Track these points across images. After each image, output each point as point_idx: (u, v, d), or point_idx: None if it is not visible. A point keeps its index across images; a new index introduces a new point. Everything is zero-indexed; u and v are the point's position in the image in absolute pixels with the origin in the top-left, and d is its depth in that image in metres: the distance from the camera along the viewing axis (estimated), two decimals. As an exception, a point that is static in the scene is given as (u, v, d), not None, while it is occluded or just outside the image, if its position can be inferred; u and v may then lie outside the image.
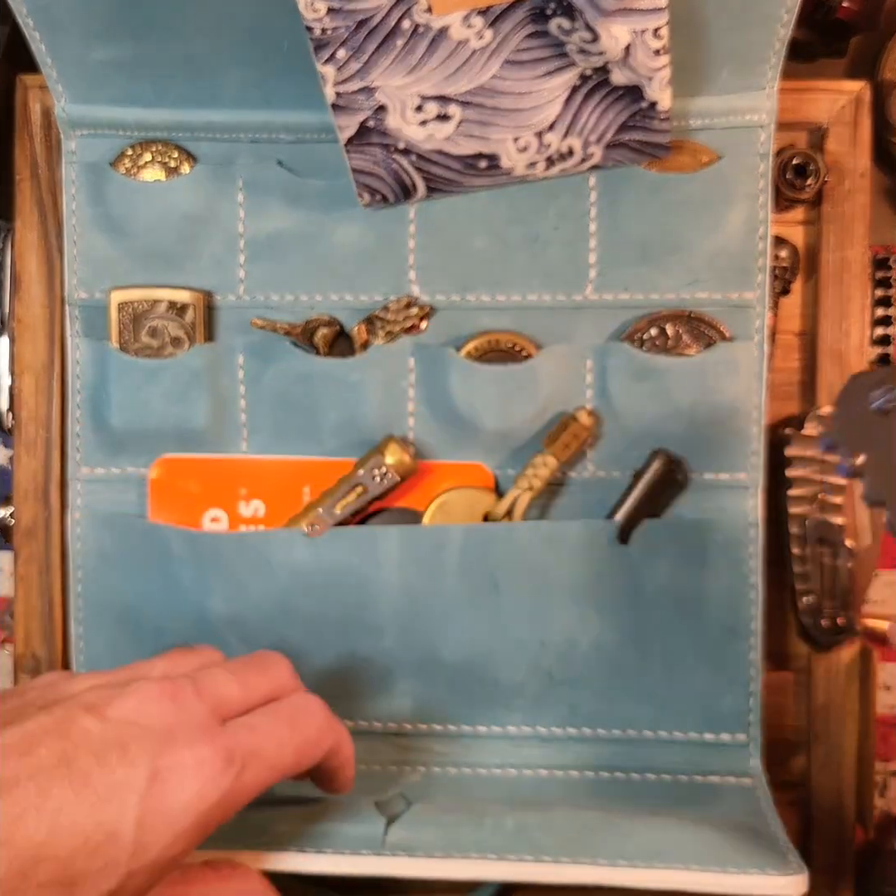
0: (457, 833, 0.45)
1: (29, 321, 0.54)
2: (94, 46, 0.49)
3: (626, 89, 0.47)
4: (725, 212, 0.51)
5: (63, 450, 0.54)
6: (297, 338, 0.53)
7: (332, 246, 0.52)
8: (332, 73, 0.46)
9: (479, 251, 0.52)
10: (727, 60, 0.49)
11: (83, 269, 0.53)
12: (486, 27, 0.45)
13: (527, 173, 0.50)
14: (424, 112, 0.47)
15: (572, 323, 0.52)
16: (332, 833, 0.45)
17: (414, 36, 0.45)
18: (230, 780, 0.37)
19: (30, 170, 0.54)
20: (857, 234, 0.53)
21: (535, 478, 0.51)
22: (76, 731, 0.36)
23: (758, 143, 0.51)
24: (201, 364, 0.52)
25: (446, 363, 0.52)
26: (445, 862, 0.45)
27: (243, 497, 0.53)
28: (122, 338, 0.52)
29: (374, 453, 0.51)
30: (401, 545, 0.52)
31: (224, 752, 0.37)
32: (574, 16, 0.44)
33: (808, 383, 0.55)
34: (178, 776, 0.36)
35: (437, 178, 0.50)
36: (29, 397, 0.54)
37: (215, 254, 0.52)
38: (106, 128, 0.52)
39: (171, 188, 0.52)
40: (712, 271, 0.51)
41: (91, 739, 0.36)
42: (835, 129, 0.53)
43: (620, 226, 0.51)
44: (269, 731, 0.40)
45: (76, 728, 0.36)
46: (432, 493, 0.53)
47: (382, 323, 0.52)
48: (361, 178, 0.50)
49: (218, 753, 0.37)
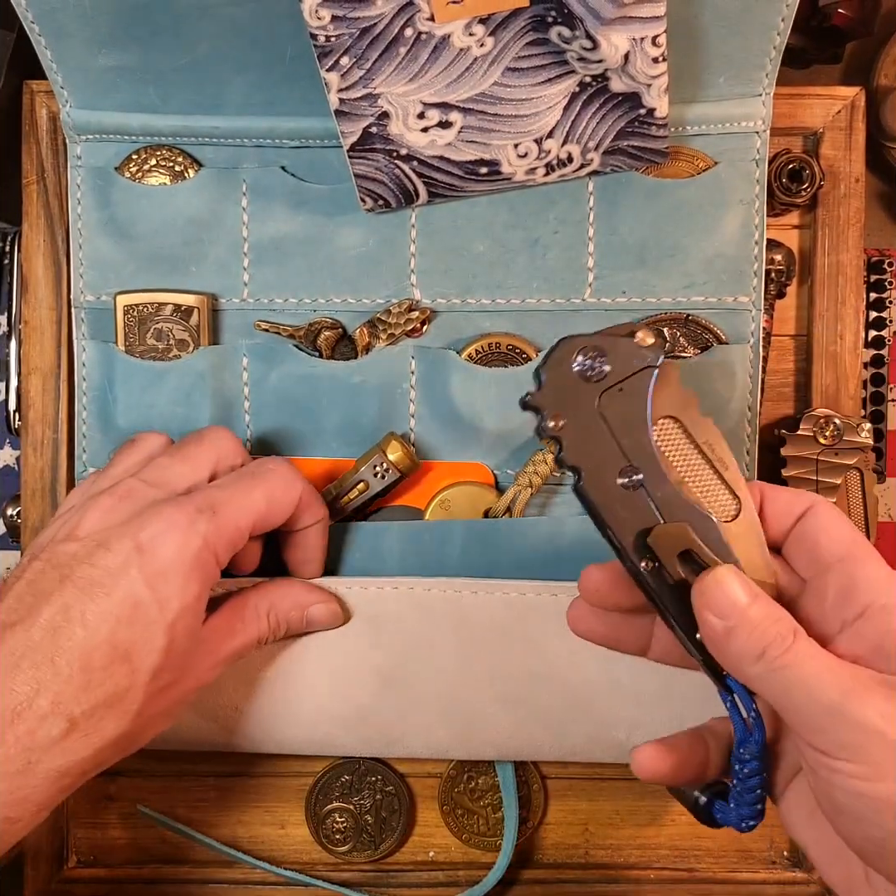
0: None
1: (36, 323, 0.55)
2: (100, 53, 0.50)
3: (625, 96, 0.48)
4: (721, 216, 0.52)
5: (70, 450, 0.54)
6: (301, 340, 0.53)
7: (334, 250, 0.53)
8: (335, 80, 0.47)
9: (480, 255, 0.53)
10: (724, 68, 0.50)
11: (89, 272, 0.53)
12: (487, 35, 0.46)
13: (527, 179, 0.51)
14: (426, 119, 0.48)
15: (571, 326, 0.53)
16: None
17: (416, 43, 0.46)
18: (205, 524, 0.43)
19: (36, 174, 0.54)
20: (851, 237, 0.54)
21: (535, 475, 0.52)
22: (62, 557, 0.42)
23: (753, 148, 0.52)
24: (206, 366, 0.53)
25: (447, 365, 0.52)
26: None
27: (248, 497, 0.54)
28: (128, 340, 0.53)
29: (375, 450, 0.52)
30: (403, 541, 0.52)
31: (191, 507, 0.43)
32: (574, 24, 0.45)
33: (802, 385, 0.55)
34: (159, 539, 0.42)
35: (439, 184, 0.50)
36: (36, 398, 0.55)
37: (220, 257, 0.53)
38: (111, 133, 0.52)
39: (176, 193, 0.53)
40: (709, 275, 0.52)
41: (77, 556, 0.42)
42: (830, 134, 0.54)
43: (618, 230, 0.52)
44: (232, 483, 0.45)
45: (60, 555, 0.42)
46: (433, 491, 0.53)
47: (384, 326, 0.53)
48: (364, 183, 0.50)
49: (185, 509, 0.43)
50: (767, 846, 0.56)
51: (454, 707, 0.51)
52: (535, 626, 0.50)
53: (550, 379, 0.40)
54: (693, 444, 0.41)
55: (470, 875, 0.56)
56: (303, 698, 0.51)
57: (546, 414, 0.40)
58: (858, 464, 0.53)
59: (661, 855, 0.56)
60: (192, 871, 0.56)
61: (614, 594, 0.43)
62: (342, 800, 0.56)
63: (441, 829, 0.56)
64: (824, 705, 0.35)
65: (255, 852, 0.56)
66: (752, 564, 0.40)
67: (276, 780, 0.56)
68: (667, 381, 0.41)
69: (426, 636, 0.51)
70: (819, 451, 0.53)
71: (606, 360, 0.40)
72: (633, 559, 0.40)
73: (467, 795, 0.56)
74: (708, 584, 0.38)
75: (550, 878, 0.56)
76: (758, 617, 0.37)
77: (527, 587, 0.50)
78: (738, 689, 0.39)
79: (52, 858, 0.56)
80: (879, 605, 0.37)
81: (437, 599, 0.51)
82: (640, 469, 0.40)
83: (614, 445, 0.40)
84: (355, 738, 0.52)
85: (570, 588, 0.49)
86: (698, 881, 0.56)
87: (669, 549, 0.39)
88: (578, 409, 0.40)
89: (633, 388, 0.40)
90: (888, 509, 0.59)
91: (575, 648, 0.49)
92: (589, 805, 0.56)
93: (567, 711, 0.51)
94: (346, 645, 0.51)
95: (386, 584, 0.51)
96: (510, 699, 0.51)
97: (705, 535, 0.40)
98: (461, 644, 0.51)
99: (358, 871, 0.56)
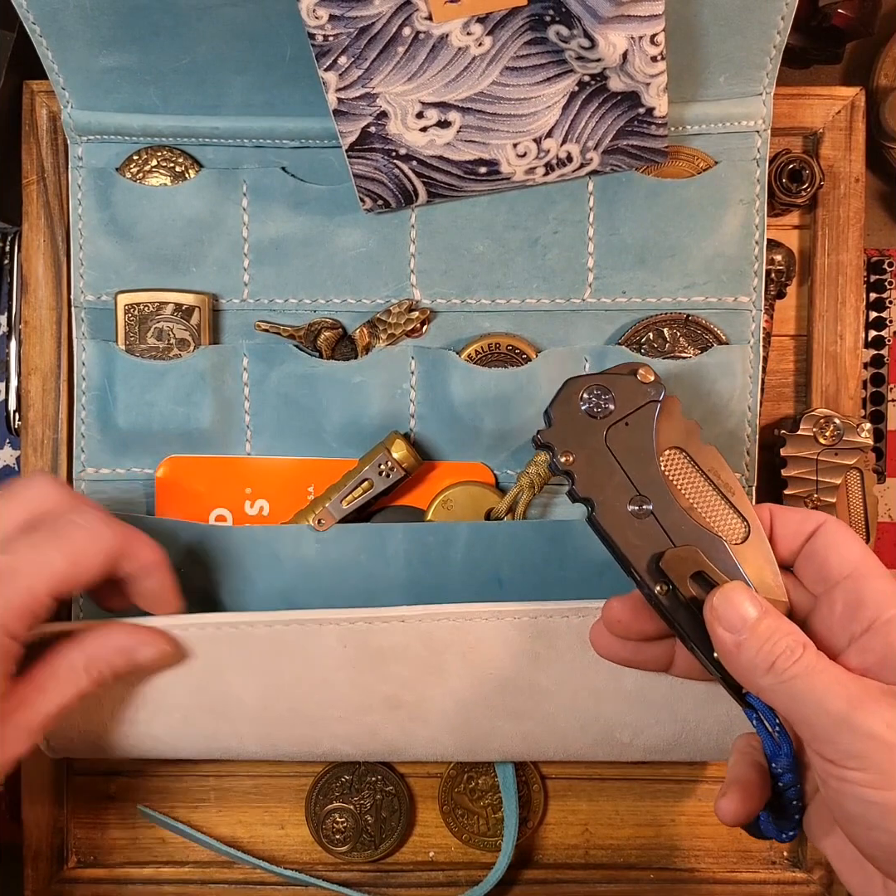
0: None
1: (36, 323, 0.55)
2: (101, 53, 0.50)
3: (624, 95, 0.48)
4: (721, 216, 0.52)
5: (70, 450, 0.54)
6: (301, 340, 0.53)
7: (334, 250, 0.53)
8: (333, 80, 0.47)
9: (480, 255, 0.53)
10: (724, 67, 0.50)
11: (90, 272, 0.53)
12: (485, 34, 0.46)
13: (526, 179, 0.51)
14: (425, 118, 0.48)
15: (571, 326, 0.53)
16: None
17: (415, 43, 0.46)
18: None
19: (37, 174, 0.54)
20: (851, 237, 0.54)
21: (537, 475, 0.52)
22: None
23: (754, 148, 0.52)
24: (206, 366, 0.53)
25: (447, 366, 0.52)
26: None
27: (248, 497, 0.54)
28: (129, 339, 0.53)
29: (379, 449, 0.52)
30: (408, 542, 0.52)
31: None
32: (572, 23, 0.45)
33: (802, 385, 0.55)
34: None
35: (438, 184, 0.50)
36: (36, 398, 0.55)
37: (220, 258, 0.53)
38: (112, 134, 0.52)
39: (177, 193, 0.53)
40: (709, 275, 0.52)
41: None
42: (830, 134, 0.54)
43: (618, 230, 0.52)
44: (25, 546, 0.42)
45: None
46: (434, 491, 0.53)
47: (384, 326, 0.53)
48: (363, 183, 0.50)
49: None
50: (767, 846, 0.56)
51: (462, 723, 0.50)
52: (546, 647, 0.49)
53: (559, 417, 0.43)
54: (699, 471, 0.43)
55: (470, 875, 0.56)
56: (305, 722, 0.50)
57: (557, 450, 0.43)
58: (858, 464, 0.53)
59: (661, 855, 0.56)
60: (192, 871, 0.56)
61: (636, 624, 0.44)
62: (342, 800, 0.56)
63: (441, 829, 0.56)
64: (832, 715, 0.36)
65: (255, 852, 0.56)
66: (763, 584, 0.41)
67: (276, 780, 0.56)
68: (669, 413, 0.43)
69: (435, 664, 0.50)
70: (819, 451, 0.53)
71: (611, 398, 0.43)
72: (649, 584, 0.41)
73: (467, 795, 0.56)
74: (718, 600, 0.39)
75: (550, 879, 0.56)
76: (767, 630, 0.38)
77: (539, 611, 0.49)
78: (759, 705, 0.40)
79: (52, 858, 0.56)
80: (885, 618, 0.38)
81: (446, 630, 0.49)
82: (650, 498, 0.42)
83: (623, 477, 0.42)
84: (360, 751, 0.52)
85: (581, 609, 0.49)
86: (698, 881, 0.56)
87: (681, 571, 0.41)
88: (587, 444, 0.43)
89: (637, 422, 0.43)
90: (888, 509, 0.59)
91: (585, 665, 0.49)
92: (589, 805, 0.56)
93: (573, 719, 0.50)
94: (352, 677, 0.49)
95: (392, 617, 0.49)
96: (518, 712, 0.50)
97: (716, 558, 0.41)
98: (470, 668, 0.50)
99: (358, 871, 0.56)
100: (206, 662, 0.49)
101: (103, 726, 0.50)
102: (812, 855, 0.55)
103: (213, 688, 0.49)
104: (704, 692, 0.49)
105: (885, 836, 0.36)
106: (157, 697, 0.49)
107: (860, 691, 0.36)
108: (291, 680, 0.49)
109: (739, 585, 0.40)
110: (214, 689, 0.49)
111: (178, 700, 0.49)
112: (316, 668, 0.49)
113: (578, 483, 0.43)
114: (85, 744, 0.51)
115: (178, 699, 0.49)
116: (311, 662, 0.49)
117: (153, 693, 0.49)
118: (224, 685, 0.49)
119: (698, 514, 0.42)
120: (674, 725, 0.50)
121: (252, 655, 0.49)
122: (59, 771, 0.56)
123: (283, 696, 0.50)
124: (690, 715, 0.50)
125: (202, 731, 0.50)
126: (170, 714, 0.50)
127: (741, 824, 0.42)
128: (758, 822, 0.42)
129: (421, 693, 0.50)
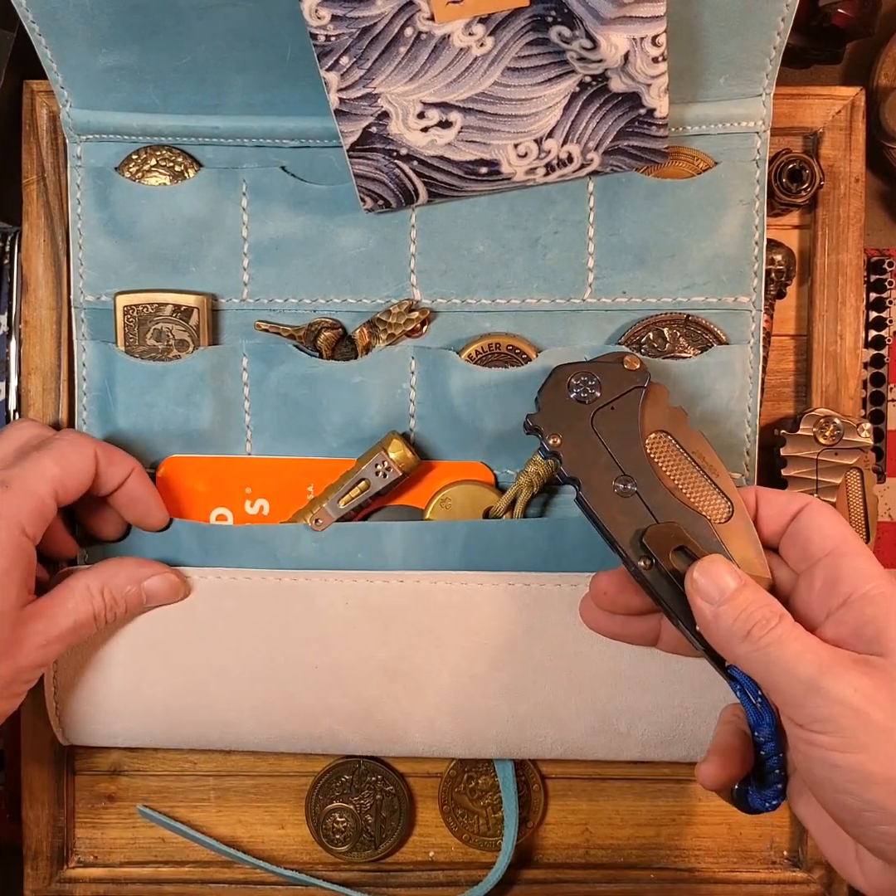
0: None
1: (36, 323, 0.55)
2: (100, 52, 0.50)
3: (625, 96, 0.48)
4: (721, 216, 0.52)
5: (70, 450, 0.54)
6: (301, 340, 0.53)
7: (334, 250, 0.53)
8: (335, 80, 0.47)
9: (480, 255, 0.53)
10: (724, 68, 0.50)
11: (89, 272, 0.53)
12: (487, 35, 0.46)
13: (527, 179, 0.51)
14: (426, 118, 0.48)
15: (571, 326, 0.53)
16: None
17: (416, 43, 0.46)
18: None
19: (37, 174, 0.54)
20: (851, 237, 0.54)
21: (535, 475, 0.52)
22: None
23: (753, 148, 0.52)
24: (206, 366, 0.53)
25: (447, 366, 0.52)
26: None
27: (249, 496, 0.54)
28: (128, 340, 0.53)
29: (377, 449, 0.52)
30: (406, 540, 0.52)
31: None
32: (574, 24, 0.45)
33: (802, 385, 0.55)
34: None
35: (439, 184, 0.50)
36: (36, 399, 0.55)
37: (220, 258, 0.53)
38: (111, 133, 0.52)
39: (177, 193, 0.53)
40: (709, 275, 0.52)
41: None
42: (830, 134, 0.54)
43: (618, 230, 0.52)
44: (19, 459, 0.47)
45: None
46: (433, 490, 0.53)
47: (384, 326, 0.53)
48: (364, 183, 0.50)
49: None
50: (767, 846, 0.56)
51: (458, 702, 0.51)
52: (540, 617, 0.51)
53: (547, 402, 0.46)
54: (684, 453, 0.45)
55: (470, 875, 0.56)
56: (305, 691, 0.51)
57: (545, 433, 0.45)
58: (858, 464, 0.53)
59: (661, 855, 0.56)
60: (192, 871, 0.56)
61: (621, 598, 0.46)
62: (342, 800, 0.56)
63: (441, 829, 0.56)
64: (802, 681, 0.37)
65: (255, 852, 0.56)
66: (746, 561, 0.43)
67: (276, 780, 0.56)
68: (655, 399, 0.46)
69: (432, 629, 0.51)
70: (819, 451, 0.53)
71: (597, 384, 0.46)
72: (633, 559, 0.43)
73: (467, 795, 0.56)
74: (698, 572, 0.41)
75: (550, 878, 0.56)
76: (745, 601, 0.40)
77: (531, 578, 0.51)
78: (741, 677, 0.41)
79: (52, 858, 0.56)
80: (861, 593, 0.40)
81: (443, 592, 0.51)
82: (634, 478, 0.44)
83: (608, 457, 0.45)
84: (358, 734, 0.52)
85: (573, 578, 0.51)
86: (698, 881, 0.56)
87: (664, 546, 0.43)
88: (574, 427, 0.46)
89: (623, 406, 0.46)
90: (888, 509, 0.59)
91: (578, 637, 0.51)
92: (589, 805, 0.56)
93: (570, 702, 0.51)
94: (352, 639, 0.51)
95: (392, 577, 0.51)
96: (514, 691, 0.51)
97: (699, 535, 0.43)
98: (466, 636, 0.51)
99: (358, 871, 0.56)
100: (213, 612, 0.52)
101: (110, 700, 0.52)
102: (812, 855, 0.55)
103: (216, 642, 0.51)
104: (699, 677, 0.50)
105: (850, 799, 0.37)
106: (161, 655, 0.51)
107: (831, 658, 0.38)
108: (295, 638, 0.51)
109: (719, 558, 0.42)
110: (218, 643, 0.51)
111: (181, 660, 0.51)
112: (317, 624, 0.51)
113: (566, 463, 0.45)
114: (93, 723, 0.52)
115: (182, 658, 0.51)
116: (314, 617, 0.51)
117: (158, 651, 0.51)
118: (228, 640, 0.51)
119: (682, 494, 0.44)
120: (671, 712, 0.51)
121: (258, 609, 0.51)
122: (59, 771, 0.56)
123: (285, 656, 0.51)
124: (687, 701, 0.51)
125: (203, 697, 0.51)
126: (173, 676, 0.51)
127: (718, 788, 0.43)
128: (745, 795, 0.43)
129: (419, 665, 0.51)
